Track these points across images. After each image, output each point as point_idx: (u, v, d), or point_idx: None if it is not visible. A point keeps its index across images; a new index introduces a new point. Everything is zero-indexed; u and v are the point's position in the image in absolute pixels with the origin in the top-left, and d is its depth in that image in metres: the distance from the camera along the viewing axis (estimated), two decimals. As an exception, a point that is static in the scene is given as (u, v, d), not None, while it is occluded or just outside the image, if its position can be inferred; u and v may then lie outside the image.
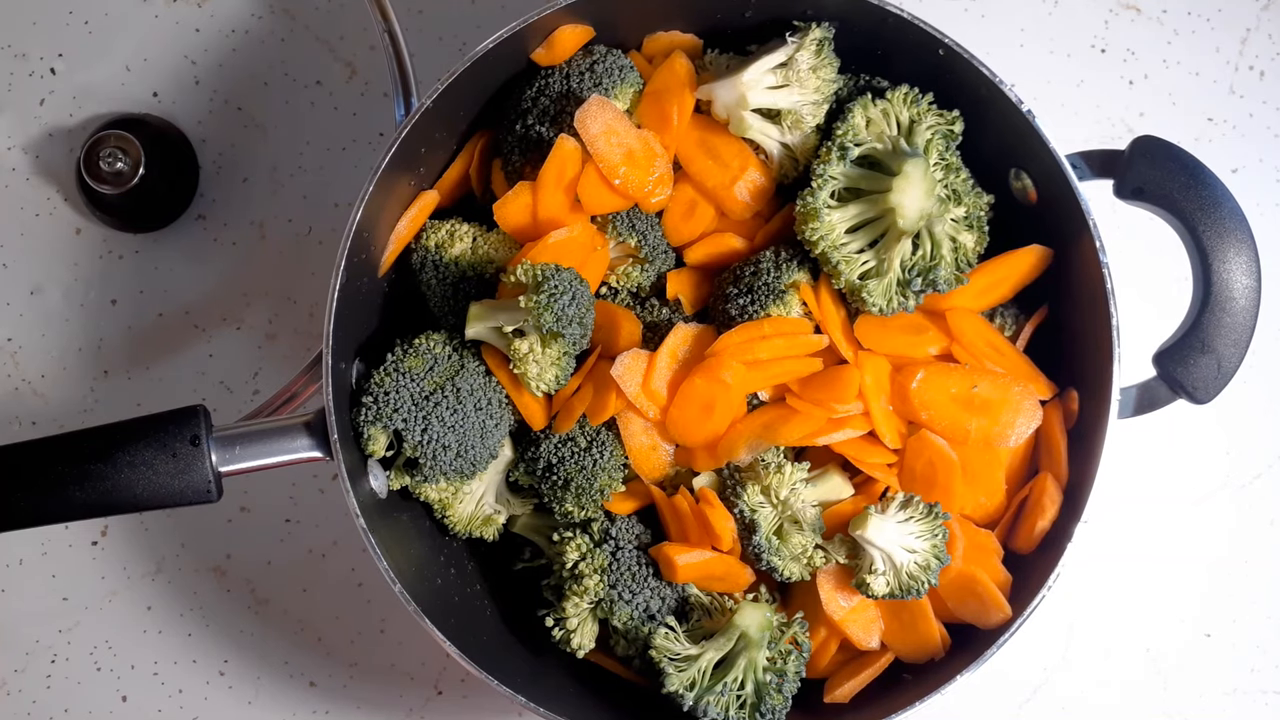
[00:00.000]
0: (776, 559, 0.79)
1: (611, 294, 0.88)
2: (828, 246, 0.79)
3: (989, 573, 0.80)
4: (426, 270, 0.85)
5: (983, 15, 1.03)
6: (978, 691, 1.00)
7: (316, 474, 0.99)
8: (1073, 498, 0.79)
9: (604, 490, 0.82)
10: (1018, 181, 0.84)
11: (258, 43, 1.01)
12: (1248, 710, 1.00)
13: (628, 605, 0.80)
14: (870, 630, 0.82)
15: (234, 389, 0.99)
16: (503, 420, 0.82)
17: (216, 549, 0.99)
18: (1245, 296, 0.77)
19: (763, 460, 0.81)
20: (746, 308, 0.81)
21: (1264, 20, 1.03)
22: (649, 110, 0.84)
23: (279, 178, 1.00)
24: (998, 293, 0.84)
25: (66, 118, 1.01)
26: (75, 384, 1.00)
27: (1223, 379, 0.78)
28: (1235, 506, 1.01)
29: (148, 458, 0.73)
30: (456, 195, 0.89)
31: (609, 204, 0.83)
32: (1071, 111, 1.02)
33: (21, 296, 1.00)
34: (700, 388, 0.80)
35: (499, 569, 0.90)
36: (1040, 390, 0.81)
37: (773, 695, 0.78)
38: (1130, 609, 1.00)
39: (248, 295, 1.00)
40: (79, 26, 1.01)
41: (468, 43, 0.90)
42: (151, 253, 1.00)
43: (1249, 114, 1.03)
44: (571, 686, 0.85)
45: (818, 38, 0.82)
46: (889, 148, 0.81)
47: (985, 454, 0.82)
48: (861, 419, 0.81)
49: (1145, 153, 0.78)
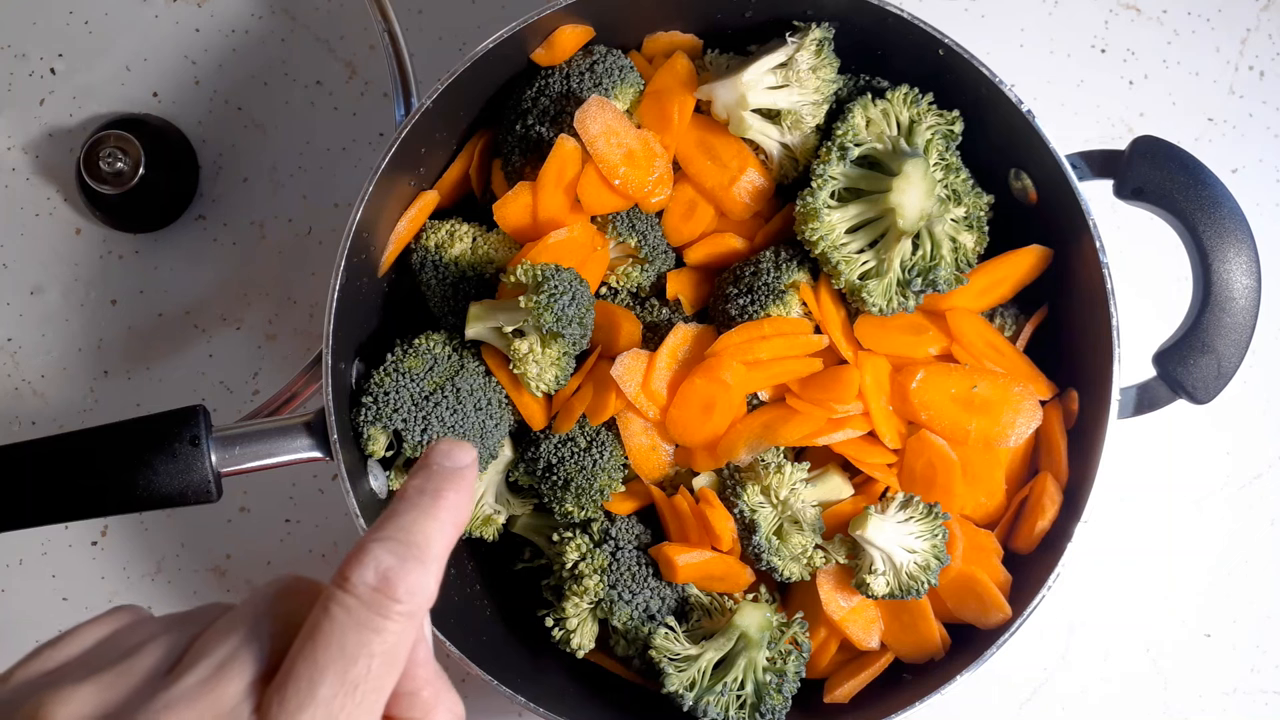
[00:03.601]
0: (776, 559, 0.79)
1: (611, 294, 0.88)
2: (828, 246, 0.79)
3: (989, 573, 0.80)
4: (426, 270, 0.85)
5: (983, 15, 1.03)
6: (978, 691, 1.00)
7: (316, 474, 0.99)
8: (1073, 498, 0.79)
9: (604, 490, 0.82)
10: (1018, 181, 0.84)
11: (258, 43, 1.01)
12: (1248, 710, 1.00)
13: (628, 605, 0.80)
14: (870, 630, 0.82)
15: (234, 389, 0.99)
16: (503, 420, 0.82)
17: (216, 549, 0.99)
18: (1245, 296, 0.77)
19: (763, 460, 0.81)
20: (746, 308, 0.81)
21: (1264, 20, 1.03)
22: (649, 110, 0.84)
23: (279, 178, 1.00)
24: (998, 293, 0.84)
25: (66, 118, 1.01)
26: (75, 384, 1.00)
27: (1223, 379, 0.78)
28: (1235, 506, 1.01)
29: (148, 458, 0.73)
30: (456, 195, 0.89)
31: (609, 204, 0.83)
32: (1071, 111, 1.02)
33: (21, 296, 1.00)
34: (700, 388, 0.80)
35: (499, 569, 0.90)
36: (1040, 390, 0.81)
37: (773, 695, 0.78)
38: (1130, 609, 1.00)
39: (248, 295, 1.00)
40: (79, 26, 1.01)
41: (468, 43, 0.90)
42: (151, 253, 1.00)
43: (1249, 114, 1.03)
44: (571, 686, 0.85)
45: (818, 38, 0.82)
46: (889, 148, 0.81)
47: (985, 454, 0.82)
48: (861, 419, 0.81)
49: (1145, 153, 0.78)
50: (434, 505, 0.41)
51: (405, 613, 0.38)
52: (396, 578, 0.38)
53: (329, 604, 0.38)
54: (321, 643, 0.38)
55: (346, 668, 0.37)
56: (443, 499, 0.42)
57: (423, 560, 0.39)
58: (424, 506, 0.41)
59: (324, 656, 0.37)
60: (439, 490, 0.42)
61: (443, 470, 0.43)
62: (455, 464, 0.43)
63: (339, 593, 0.38)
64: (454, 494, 0.42)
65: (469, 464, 0.43)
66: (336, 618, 0.38)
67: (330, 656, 0.37)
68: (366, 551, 0.39)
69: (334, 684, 0.37)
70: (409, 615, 0.39)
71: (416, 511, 0.41)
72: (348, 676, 0.37)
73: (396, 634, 0.38)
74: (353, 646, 0.38)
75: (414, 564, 0.39)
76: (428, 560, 0.40)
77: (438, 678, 0.43)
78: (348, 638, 0.38)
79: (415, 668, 0.42)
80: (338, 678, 0.37)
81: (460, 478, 0.43)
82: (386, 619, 0.38)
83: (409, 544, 0.39)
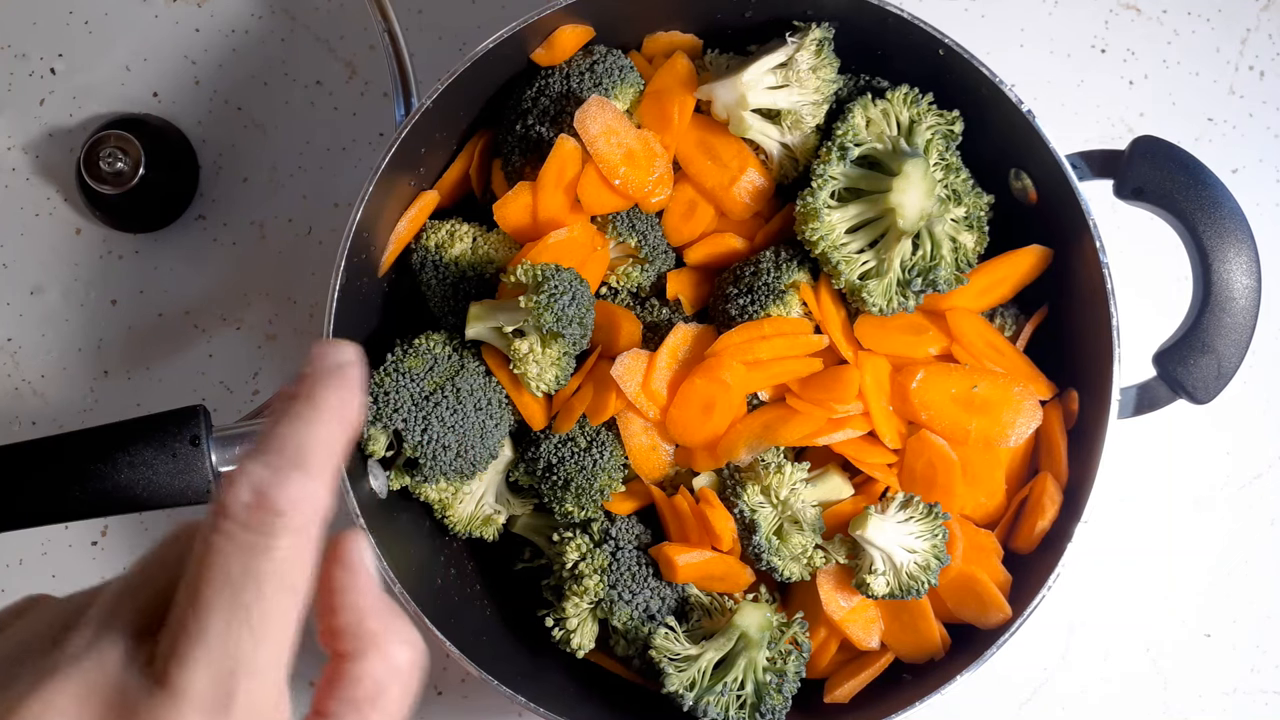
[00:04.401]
0: (776, 559, 0.79)
1: (611, 294, 0.88)
2: (828, 246, 0.79)
3: (989, 573, 0.80)
4: (426, 270, 0.85)
5: (983, 15, 1.03)
6: (978, 691, 0.99)
7: (316, 474, 0.99)
8: (1073, 498, 0.79)
9: (604, 490, 0.82)
10: (1018, 181, 0.84)
11: (258, 43, 1.01)
12: (1248, 710, 1.00)
13: (628, 605, 0.80)
14: (870, 630, 0.82)
15: (234, 389, 0.99)
16: (503, 420, 0.82)
17: (216, 549, 0.99)
18: (1245, 296, 0.77)
19: (763, 460, 0.81)
20: (746, 308, 0.81)
21: (1264, 20, 1.03)
22: (649, 110, 0.84)
23: (279, 178, 1.00)
24: (998, 293, 0.84)
25: (66, 118, 1.01)
26: (75, 384, 1.00)
27: (1223, 379, 0.78)
28: (1235, 506, 1.01)
29: (148, 458, 0.73)
30: (456, 195, 0.89)
31: (609, 204, 0.83)
32: (1071, 111, 1.02)
33: (21, 296, 1.00)
34: (700, 388, 0.80)
35: (499, 569, 0.90)
36: (1040, 390, 0.81)
37: (773, 695, 0.78)
38: (1130, 609, 1.00)
39: (248, 295, 1.00)
40: (79, 26, 1.01)
41: (468, 43, 0.90)
42: (151, 253, 1.00)
43: (1249, 114, 1.03)
44: (571, 686, 0.85)
45: (818, 38, 0.82)
46: (889, 148, 0.81)
47: (985, 454, 0.82)
48: (861, 419, 0.81)
49: (1145, 153, 0.78)
50: (310, 409, 0.38)
51: (291, 527, 0.35)
52: (274, 490, 0.35)
53: (209, 535, 0.35)
54: (205, 576, 0.34)
55: (234, 596, 0.34)
56: (319, 400, 0.38)
57: (302, 467, 0.36)
58: (298, 413, 0.38)
59: (208, 590, 0.34)
60: (313, 393, 0.38)
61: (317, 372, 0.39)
62: (331, 362, 0.40)
63: (217, 519, 0.35)
64: (331, 393, 0.39)
65: (347, 360, 0.40)
66: (217, 546, 0.35)
67: (215, 589, 0.34)
68: (240, 471, 0.36)
69: (223, 617, 0.34)
70: (297, 530, 0.35)
71: (291, 419, 0.38)
72: (237, 606, 0.34)
73: (286, 551, 0.35)
74: (238, 574, 0.34)
75: (292, 473, 0.36)
76: (308, 467, 0.36)
77: (385, 609, 0.40)
78: (231, 565, 0.34)
79: (355, 597, 0.39)
80: (226, 609, 0.34)
81: (337, 375, 0.39)
82: (271, 536, 0.35)
83: (283, 453, 0.36)
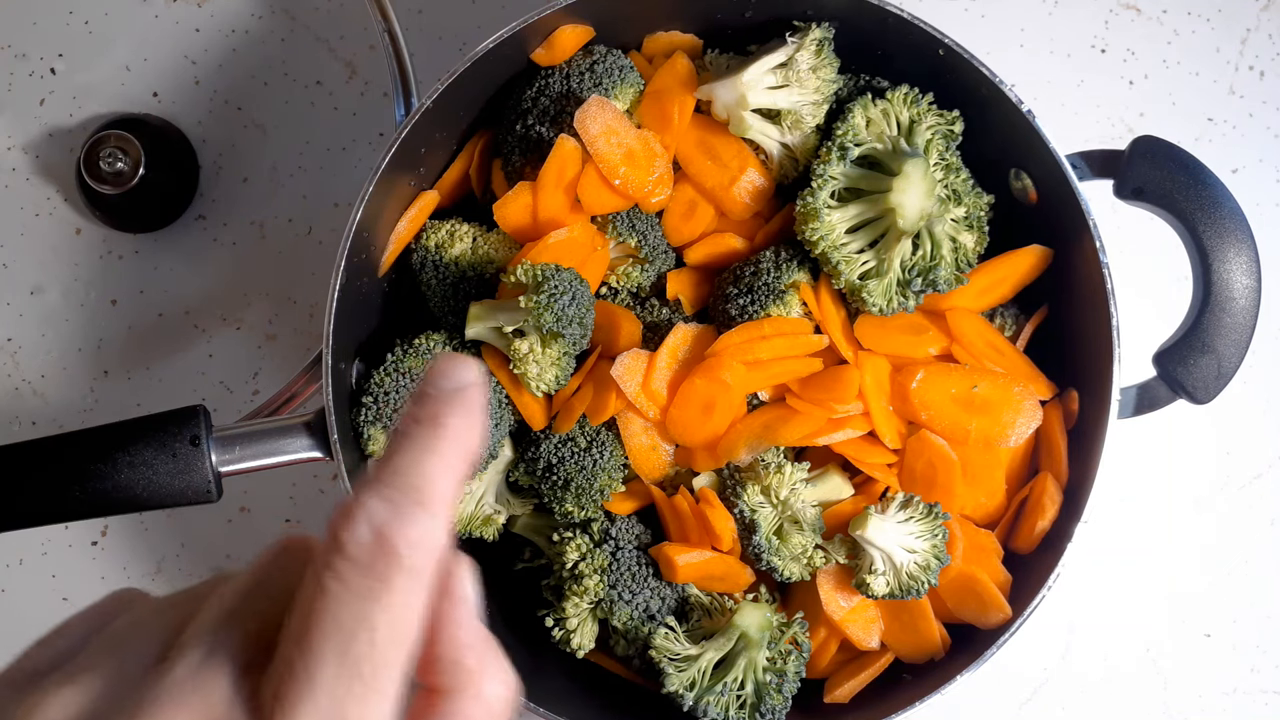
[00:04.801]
0: (776, 559, 0.79)
1: (611, 294, 0.88)
2: (828, 246, 0.79)
3: (989, 573, 0.80)
4: (426, 270, 0.85)
5: (983, 15, 1.03)
6: (978, 691, 1.00)
7: (316, 474, 0.99)
8: (1073, 498, 0.79)
9: (604, 490, 0.82)
10: (1018, 181, 0.84)
11: (258, 43, 1.01)
12: (1248, 710, 1.00)
13: (628, 605, 0.80)
14: (870, 630, 0.82)
15: (234, 389, 0.99)
16: (503, 420, 0.82)
17: (216, 549, 0.99)
18: (1245, 296, 0.77)
19: (763, 460, 0.81)
20: (746, 308, 0.81)
21: (1264, 20, 1.03)
22: (649, 110, 0.84)
23: (279, 178, 1.00)
24: (998, 293, 0.84)
25: (66, 118, 1.01)
26: (75, 384, 1.00)
27: (1223, 379, 0.78)
28: (1235, 506, 1.01)
29: (148, 458, 0.73)
30: (456, 195, 0.89)
31: (609, 204, 0.83)
32: (1071, 111, 1.02)
33: (21, 296, 1.00)
34: (700, 388, 0.80)
35: (499, 569, 0.90)
36: (1040, 390, 0.81)
37: (773, 695, 0.78)
38: (1130, 609, 1.00)
39: (248, 295, 1.00)
40: (79, 26, 1.01)
41: (468, 43, 0.90)
42: (151, 253, 1.00)
43: (1249, 114, 1.03)
44: (571, 686, 0.85)
45: (818, 38, 0.82)
46: (889, 148, 0.81)
47: (985, 454, 0.82)
48: (861, 419, 0.81)
49: (1145, 153, 0.78)
50: (433, 437, 0.35)
51: (409, 571, 0.33)
52: (394, 531, 0.33)
53: (320, 574, 0.33)
54: (314, 622, 0.32)
55: (346, 647, 0.32)
56: (443, 427, 0.35)
57: (424, 504, 0.34)
58: (422, 440, 0.35)
59: (318, 637, 0.32)
60: (437, 417, 0.35)
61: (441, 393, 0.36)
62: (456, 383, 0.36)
63: (331, 558, 0.33)
64: (457, 420, 0.35)
65: (473, 381, 0.36)
66: (329, 589, 0.32)
67: (324, 635, 0.32)
68: (358, 505, 0.33)
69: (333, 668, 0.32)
70: (414, 573, 0.33)
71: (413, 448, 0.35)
72: (349, 656, 0.32)
73: (402, 597, 0.33)
74: (350, 621, 0.32)
75: (414, 511, 0.33)
76: (430, 504, 0.34)
77: (483, 643, 0.37)
78: (343, 612, 0.32)
79: (455, 630, 0.37)
80: (337, 660, 0.32)
81: (463, 399, 0.36)
82: (387, 582, 0.33)
83: (406, 489, 0.34)
